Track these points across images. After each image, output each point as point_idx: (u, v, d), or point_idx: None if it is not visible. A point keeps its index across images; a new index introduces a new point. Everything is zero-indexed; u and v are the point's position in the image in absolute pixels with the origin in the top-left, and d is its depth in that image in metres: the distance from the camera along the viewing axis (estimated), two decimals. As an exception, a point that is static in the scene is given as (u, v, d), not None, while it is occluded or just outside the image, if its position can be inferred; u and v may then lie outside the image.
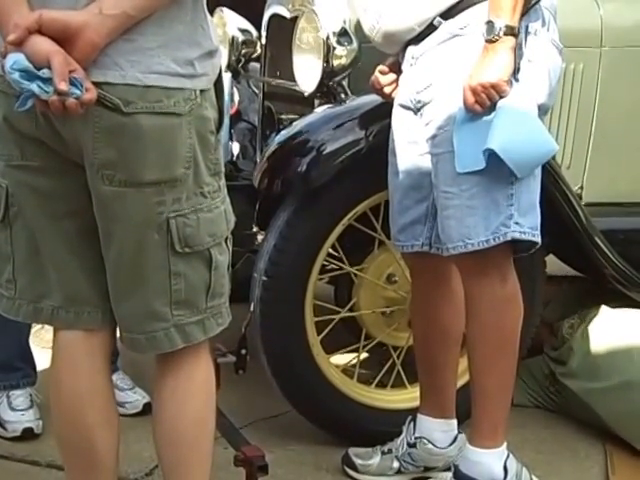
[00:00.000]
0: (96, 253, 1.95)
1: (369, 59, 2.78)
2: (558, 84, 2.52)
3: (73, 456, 2.08)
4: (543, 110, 2.40)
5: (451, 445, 2.73)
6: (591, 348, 3.11)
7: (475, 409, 2.54)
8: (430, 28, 2.42)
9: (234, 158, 3.42)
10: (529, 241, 2.40)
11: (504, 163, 2.28)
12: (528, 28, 2.36)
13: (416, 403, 2.80)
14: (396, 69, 2.57)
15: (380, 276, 3.01)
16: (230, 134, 3.40)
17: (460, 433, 2.74)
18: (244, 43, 3.43)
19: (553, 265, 3.16)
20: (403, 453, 2.77)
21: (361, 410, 2.96)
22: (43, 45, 1.70)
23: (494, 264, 2.42)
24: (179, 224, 1.89)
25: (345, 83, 2.97)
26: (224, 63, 3.30)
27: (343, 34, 2.92)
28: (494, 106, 2.29)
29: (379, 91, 2.64)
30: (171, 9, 1.80)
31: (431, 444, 2.72)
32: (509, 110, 2.28)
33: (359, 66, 2.93)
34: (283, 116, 3.20)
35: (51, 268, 1.97)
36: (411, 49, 2.47)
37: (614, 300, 3.22)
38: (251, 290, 2.81)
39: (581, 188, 3.21)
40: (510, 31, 2.27)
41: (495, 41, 2.28)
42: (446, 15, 2.40)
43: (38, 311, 2.02)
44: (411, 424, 2.76)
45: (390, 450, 2.79)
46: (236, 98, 3.50)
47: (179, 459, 2.05)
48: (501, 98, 2.28)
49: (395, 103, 2.56)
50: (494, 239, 2.37)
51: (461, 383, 2.87)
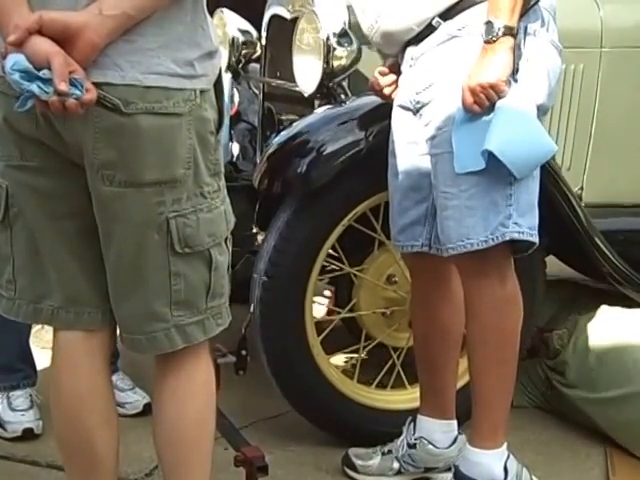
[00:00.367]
0: (96, 254, 1.95)
1: (369, 60, 2.79)
2: (558, 85, 2.51)
3: (73, 456, 2.08)
4: (542, 111, 2.40)
5: (451, 446, 2.73)
6: (586, 361, 3.09)
7: (475, 410, 2.54)
8: (429, 29, 2.41)
9: (234, 159, 3.42)
10: (528, 241, 2.40)
11: (503, 164, 2.28)
12: (527, 29, 2.36)
13: (416, 404, 2.80)
14: (396, 70, 2.57)
15: (380, 277, 3.01)
16: (230, 135, 3.40)
17: (460, 434, 2.74)
18: (244, 44, 3.44)
19: (553, 266, 3.17)
20: (403, 454, 2.77)
21: (361, 411, 2.96)
22: (43, 46, 1.70)
23: (493, 265, 2.42)
24: (179, 224, 1.89)
25: (345, 84, 2.97)
26: (224, 64, 3.30)
27: (343, 35, 2.92)
28: (493, 106, 2.29)
29: (379, 92, 2.64)
30: (171, 10, 1.80)
31: (431, 445, 2.72)
32: (508, 111, 2.28)
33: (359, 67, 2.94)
34: (283, 117, 3.20)
35: (51, 268, 1.97)
36: (410, 50, 2.47)
37: (596, 304, 3.21)
38: (251, 291, 2.81)
39: (581, 189, 3.21)
40: (509, 31, 2.27)
41: (494, 42, 2.28)
42: (445, 16, 2.40)
43: (38, 311, 2.02)
44: (411, 425, 2.76)
45: (390, 451, 2.79)
46: (236, 99, 3.50)
47: (179, 459, 2.05)
48: (500, 98, 2.29)
49: (395, 104, 2.56)
50: (493, 239, 2.37)
51: (461, 384, 2.87)
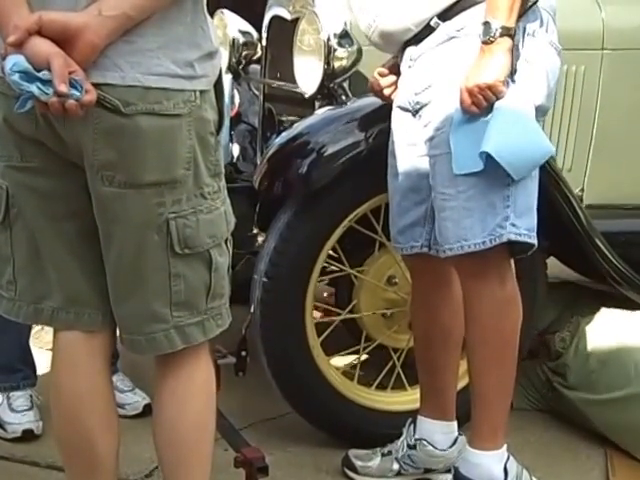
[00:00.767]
0: (96, 254, 1.95)
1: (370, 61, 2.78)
2: (557, 86, 2.51)
3: (73, 457, 2.08)
4: (541, 111, 2.40)
5: (451, 447, 2.73)
6: (587, 363, 3.09)
7: (475, 411, 2.54)
8: (428, 29, 2.41)
9: (234, 160, 3.42)
10: (526, 243, 2.40)
11: (501, 165, 2.27)
12: (526, 29, 2.35)
13: (416, 405, 2.79)
14: (395, 71, 2.57)
15: (380, 278, 3.01)
16: (230, 136, 3.39)
17: (460, 435, 2.74)
18: (245, 45, 3.43)
19: (554, 268, 3.17)
20: (403, 455, 2.77)
21: (361, 412, 2.95)
22: (43, 47, 1.70)
23: (492, 266, 2.42)
24: (179, 225, 1.89)
25: (346, 85, 2.97)
26: (225, 65, 3.30)
27: (344, 36, 2.92)
28: (491, 107, 2.29)
29: (378, 93, 2.64)
30: (171, 10, 1.80)
31: (431, 446, 2.72)
32: (505, 111, 2.28)
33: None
34: (283, 118, 3.20)
35: (51, 269, 1.97)
36: (409, 51, 2.47)
37: (596, 306, 3.21)
38: (251, 292, 2.81)
39: (582, 190, 3.21)
40: (506, 32, 2.27)
41: (491, 42, 2.27)
42: (443, 16, 2.40)
43: (38, 312, 2.02)
44: (411, 426, 2.76)
45: (390, 452, 2.79)
46: (236, 100, 3.50)
47: (179, 460, 2.05)
48: (498, 99, 2.28)
49: (394, 105, 2.56)
50: (490, 241, 2.36)
51: (461, 385, 2.87)
